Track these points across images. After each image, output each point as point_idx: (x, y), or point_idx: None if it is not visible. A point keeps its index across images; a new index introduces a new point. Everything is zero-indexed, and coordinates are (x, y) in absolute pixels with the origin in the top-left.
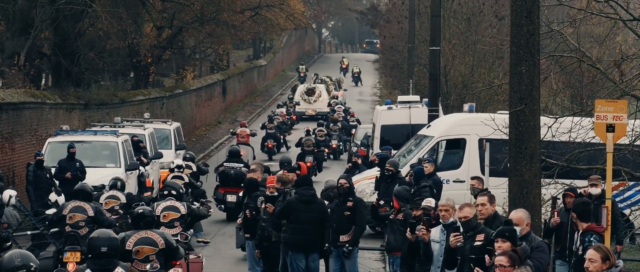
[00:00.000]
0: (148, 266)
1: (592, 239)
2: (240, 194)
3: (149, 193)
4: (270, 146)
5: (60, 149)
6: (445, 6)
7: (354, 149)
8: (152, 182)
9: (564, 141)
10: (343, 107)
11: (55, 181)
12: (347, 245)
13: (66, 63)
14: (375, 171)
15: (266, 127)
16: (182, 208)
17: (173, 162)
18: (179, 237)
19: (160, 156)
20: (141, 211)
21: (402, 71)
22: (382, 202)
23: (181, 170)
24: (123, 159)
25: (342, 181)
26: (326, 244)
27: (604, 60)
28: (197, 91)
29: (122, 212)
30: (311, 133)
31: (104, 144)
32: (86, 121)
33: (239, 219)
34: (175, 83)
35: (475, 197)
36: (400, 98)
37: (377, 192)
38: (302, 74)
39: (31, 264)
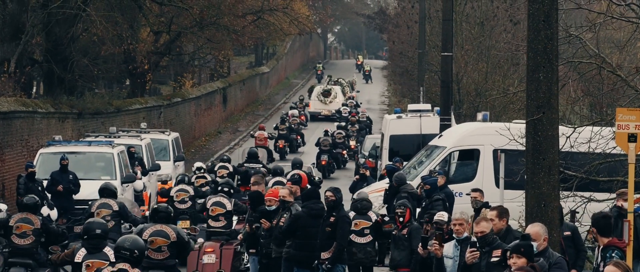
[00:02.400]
0: (159, 255)
1: (613, 254)
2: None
3: (144, 207)
4: (281, 146)
5: (53, 160)
6: (458, 10)
7: (362, 160)
8: (149, 195)
9: (583, 152)
10: (348, 109)
11: (47, 194)
12: (326, 262)
13: (59, 70)
14: (384, 184)
15: (278, 128)
16: (229, 205)
17: (194, 165)
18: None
19: (157, 167)
20: (156, 206)
21: (412, 78)
22: (387, 218)
23: (202, 171)
24: (119, 171)
25: (328, 193)
26: (315, 261)
27: (625, 66)
28: (197, 100)
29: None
30: (328, 134)
31: (99, 156)
32: (80, 131)
33: (240, 235)
34: (174, 91)
35: (475, 211)
36: (411, 107)
37: (385, 206)
38: (319, 72)
39: (136, 251)
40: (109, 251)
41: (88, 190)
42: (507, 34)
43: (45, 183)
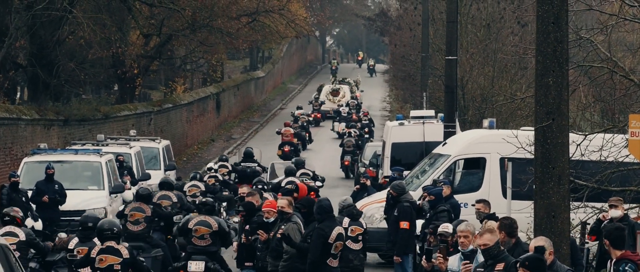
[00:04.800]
0: (203, 242)
1: (627, 268)
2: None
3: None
4: (295, 142)
5: (38, 169)
6: (463, 12)
7: (362, 169)
8: None
9: (594, 160)
10: (348, 110)
11: (32, 205)
12: None
13: (44, 75)
14: (385, 194)
15: (292, 127)
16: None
17: (207, 165)
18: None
19: (148, 177)
20: (204, 200)
21: (414, 83)
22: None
23: (213, 171)
24: (107, 181)
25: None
26: None
27: (638, 70)
28: (188, 106)
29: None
30: (352, 135)
31: (86, 165)
32: (66, 139)
33: (234, 242)
34: (164, 97)
35: (481, 222)
36: (413, 113)
37: (386, 217)
38: (333, 67)
39: (114, 228)
40: (96, 240)
41: (75, 200)
42: (515, 36)
43: (29, 193)
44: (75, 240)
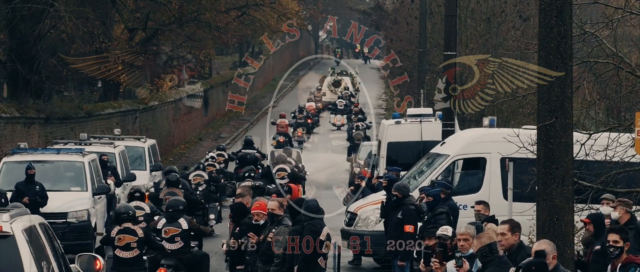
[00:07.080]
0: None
1: None
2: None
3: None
4: (299, 133)
5: (18, 170)
6: (462, 5)
7: (357, 169)
8: None
9: (599, 160)
10: (344, 102)
11: None
12: None
13: (24, 71)
14: (381, 195)
15: (296, 118)
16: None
17: (208, 153)
18: None
19: (132, 177)
20: (257, 184)
21: (411, 80)
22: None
23: (214, 159)
24: (90, 182)
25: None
26: None
27: None
28: (175, 103)
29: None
30: (361, 128)
31: (68, 165)
32: (47, 138)
33: (224, 245)
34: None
35: (481, 224)
36: (410, 111)
37: (383, 220)
38: (337, 56)
39: (129, 211)
40: (182, 221)
41: (56, 202)
42: (516, 31)
43: (9, 195)
44: (163, 221)
